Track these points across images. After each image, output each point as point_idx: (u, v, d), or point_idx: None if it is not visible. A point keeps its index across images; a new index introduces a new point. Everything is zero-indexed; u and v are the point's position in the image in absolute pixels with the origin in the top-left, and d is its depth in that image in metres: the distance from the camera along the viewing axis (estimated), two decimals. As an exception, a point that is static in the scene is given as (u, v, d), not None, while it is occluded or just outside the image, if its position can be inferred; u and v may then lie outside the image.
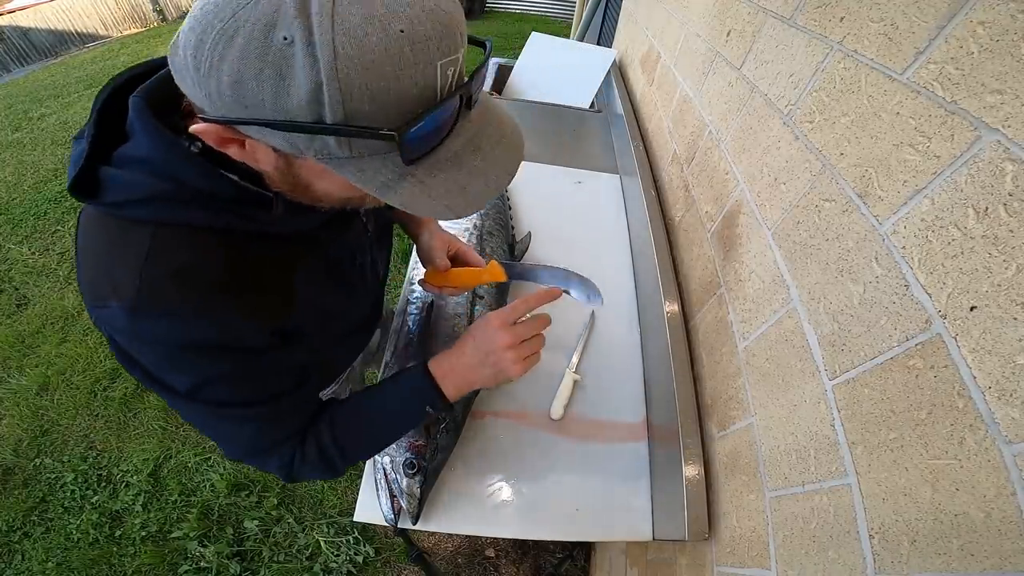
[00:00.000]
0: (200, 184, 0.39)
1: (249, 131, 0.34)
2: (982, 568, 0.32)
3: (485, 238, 1.03)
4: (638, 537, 0.72)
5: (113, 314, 0.38)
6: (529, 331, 0.59)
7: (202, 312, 0.40)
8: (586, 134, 1.62)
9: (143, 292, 0.38)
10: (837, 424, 0.48)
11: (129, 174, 0.38)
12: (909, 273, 0.41)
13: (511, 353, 0.57)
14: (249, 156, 0.37)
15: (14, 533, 1.50)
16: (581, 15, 2.96)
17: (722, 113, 0.86)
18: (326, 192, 0.41)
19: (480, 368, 0.58)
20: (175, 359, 0.42)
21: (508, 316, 0.59)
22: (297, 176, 0.39)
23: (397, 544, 1.42)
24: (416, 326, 0.86)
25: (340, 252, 0.57)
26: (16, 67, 6.23)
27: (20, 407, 1.83)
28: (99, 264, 0.40)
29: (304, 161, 0.37)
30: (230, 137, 0.35)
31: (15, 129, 4.08)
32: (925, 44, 0.42)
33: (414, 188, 0.36)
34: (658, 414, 0.83)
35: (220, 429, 0.49)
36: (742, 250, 0.72)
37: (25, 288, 2.37)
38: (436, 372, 0.58)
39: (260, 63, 0.29)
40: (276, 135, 0.33)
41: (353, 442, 0.56)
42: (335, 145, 0.33)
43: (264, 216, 0.43)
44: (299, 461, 0.53)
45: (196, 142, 0.40)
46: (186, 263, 0.40)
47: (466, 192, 0.38)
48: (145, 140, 0.38)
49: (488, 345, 0.57)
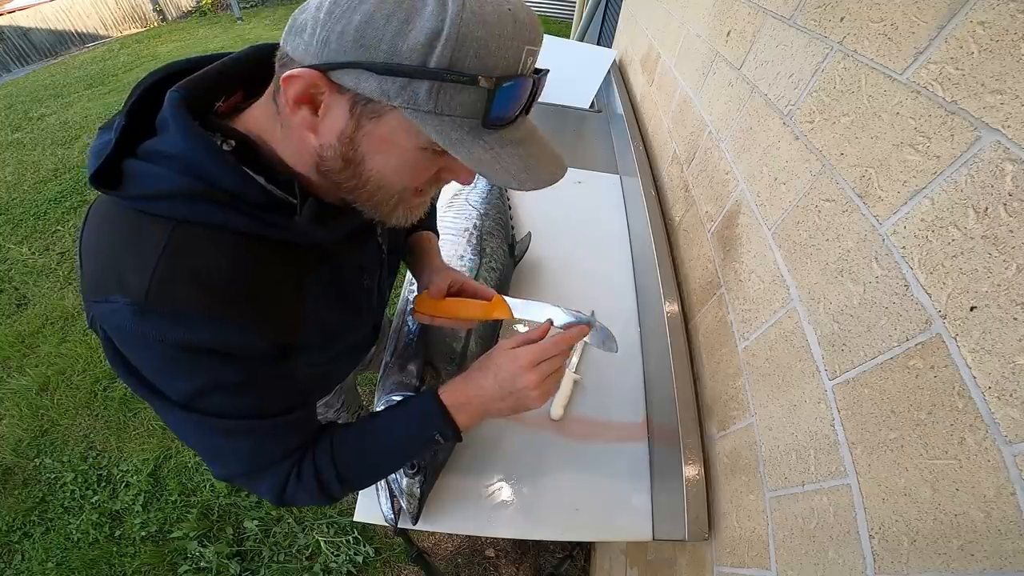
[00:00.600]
0: (228, 184, 0.39)
1: (344, 78, 0.35)
2: (982, 568, 0.32)
3: (485, 238, 1.03)
4: (638, 537, 0.72)
5: (116, 310, 0.37)
6: (555, 367, 0.57)
7: (211, 316, 0.39)
8: (586, 134, 1.62)
9: (154, 289, 0.37)
10: (837, 424, 0.48)
11: (157, 168, 0.38)
12: (909, 273, 0.41)
13: (535, 392, 0.55)
14: (313, 124, 0.39)
15: (14, 533, 1.49)
16: (581, 15, 2.96)
17: (722, 113, 0.86)
18: (378, 170, 0.41)
19: (499, 402, 0.56)
20: (176, 363, 0.40)
21: (537, 356, 0.56)
22: (357, 147, 0.39)
23: (397, 544, 1.42)
24: (416, 326, 0.86)
25: (351, 269, 0.56)
26: (16, 67, 6.23)
27: (20, 407, 1.83)
28: (108, 257, 0.39)
29: (376, 125, 0.38)
30: (314, 92, 0.36)
31: (15, 129, 4.08)
32: (925, 44, 0.42)
33: (485, 153, 0.38)
34: (658, 414, 0.83)
35: (213, 443, 0.47)
36: (742, 250, 0.72)
37: (25, 288, 2.37)
38: (449, 401, 0.55)
39: (395, 5, 0.33)
40: (372, 80, 0.34)
41: (353, 468, 0.54)
42: (424, 96, 0.35)
43: (287, 223, 0.42)
44: (293, 484, 0.50)
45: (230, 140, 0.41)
46: (202, 264, 0.39)
47: (530, 169, 0.40)
48: (179, 136, 0.38)
49: (512, 384, 0.55)
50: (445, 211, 1.12)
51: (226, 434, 0.45)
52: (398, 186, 0.43)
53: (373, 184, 0.42)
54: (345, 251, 0.53)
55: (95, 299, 0.38)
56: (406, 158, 0.40)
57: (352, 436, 0.55)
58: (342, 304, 0.55)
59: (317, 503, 0.54)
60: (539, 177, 0.41)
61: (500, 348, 0.58)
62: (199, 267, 0.39)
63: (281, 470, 0.50)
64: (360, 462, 0.54)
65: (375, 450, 0.55)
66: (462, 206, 1.12)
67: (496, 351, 0.58)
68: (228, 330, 0.40)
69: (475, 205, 1.12)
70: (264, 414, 0.47)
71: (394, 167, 0.41)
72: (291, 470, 0.50)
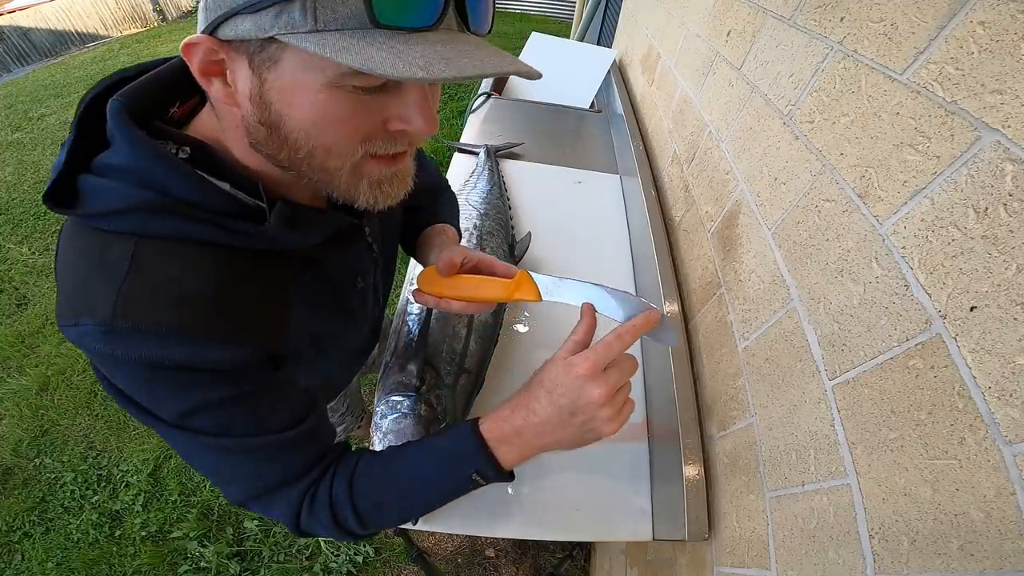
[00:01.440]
0: (184, 194, 0.37)
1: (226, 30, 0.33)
2: (982, 568, 0.32)
3: (485, 238, 1.03)
4: (638, 537, 0.72)
5: (86, 332, 0.35)
6: (626, 374, 0.46)
7: (183, 332, 0.36)
8: (586, 134, 1.62)
9: (122, 310, 0.35)
10: (837, 424, 0.48)
11: (109, 183, 0.36)
12: (909, 273, 0.41)
13: (607, 410, 0.44)
14: (230, 95, 0.36)
15: (14, 533, 1.49)
16: (581, 15, 2.96)
17: (722, 113, 0.86)
18: (299, 128, 0.36)
19: (559, 431, 0.46)
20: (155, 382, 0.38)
21: (599, 360, 0.45)
22: (269, 105, 0.35)
23: (397, 544, 1.42)
24: (417, 326, 0.86)
25: (341, 273, 0.52)
26: (16, 67, 6.23)
27: (20, 407, 1.83)
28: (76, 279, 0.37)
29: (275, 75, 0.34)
30: (214, 59, 0.34)
31: (15, 129, 4.08)
32: (925, 44, 0.42)
33: (379, 50, 0.31)
34: (658, 414, 0.83)
35: (213, 465, 0.44)
36: (742, 250, 0.72)
37: (25, 288, 2.37)
38: (492, 434, 0.46)
39: None
40: (246, 20, 0.32)
41: (372, 504, 0.47)
42: (300, 15, 0.31)
43: (255, 230, 0.40)
44: (307, 513, 0.46)
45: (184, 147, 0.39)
46: (168, 278, 0.37)
47: (449, 61, 0.32)
48: (125, 147, 0.36)
49: (574, 402, 0.44)
50: (445, 211, 1.12)
51: (222, 453, 0.42)
52: (332, 144, 0.37)
53: (303, 148, 0.37)
54: (332, 255, 0.49)
55: (67, 323, 0.36)
56: (321, 104, 0.35)
57: (377, 466, 0.48)
58: (333, 310, 0.52)
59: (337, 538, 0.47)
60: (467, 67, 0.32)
61: (552, 360, 0.48)
62: (166, 282, 0.37)
63: (292, 495, 0.46)
64: (381, 497, 0.47)
65: (401, 486, 0.48)
66: (462, 206, 1.12)
67: (547, 364, 0.48)
68: (202, 346, 0.37)
69: (475, 205, 1.12)
70: (260, 431, 0.43)
71: (312, 119, 0.36)
72: (303, 496, 0.46)
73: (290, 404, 0.46)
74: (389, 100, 0.36)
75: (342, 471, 0.48)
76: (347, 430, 1.04)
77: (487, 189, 1.18)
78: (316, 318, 0.49)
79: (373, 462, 0.49)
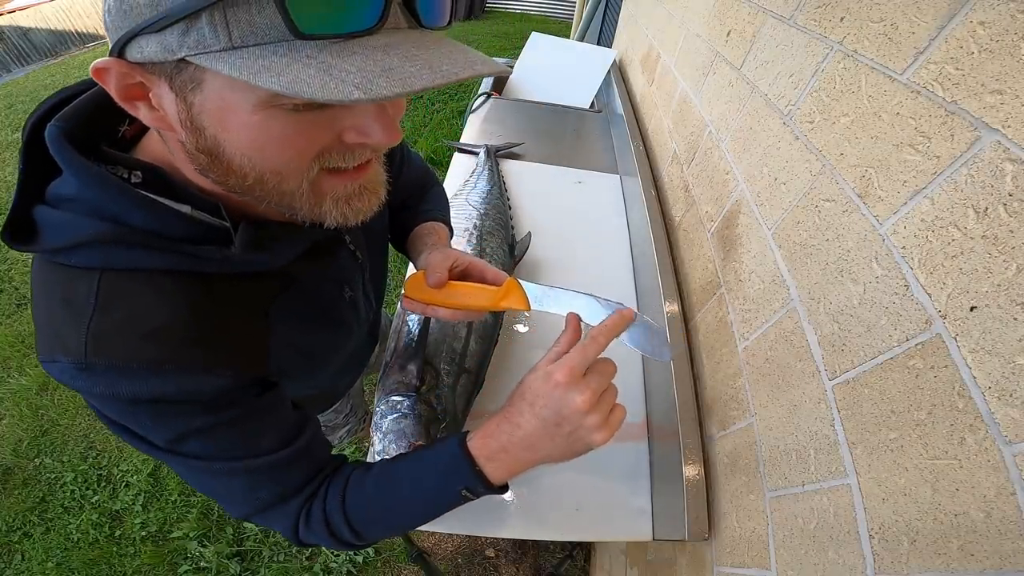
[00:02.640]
0: (138, 222, 0.34)
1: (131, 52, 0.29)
2: (982, 568, 0.32)
3: (485, 238, 1.03)
4: (638, 537, 0.72)
5: (64, 369, 0.34)
6: (606, 378, 0.45)
7: (157, 366, 0.35)
8: (586, 134, 1.62)
9: (90, 348, 0.33)
10: (837, 424, 0.48)
11: (64, 215, 0.34)
12: (909, 273, 0.41)
13: (593, 418, 0.43)
14: (160, 118, 0.32)
15: (14, 533, 1.49)
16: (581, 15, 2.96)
17: (722, 113, 0.86)
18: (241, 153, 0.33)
19: (547, 443, 0.44)
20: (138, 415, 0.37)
21: (576, 367, 0.43)
22: (203, 130, 0.32)
23: (397, 544, 1.42)
24: (417, 326, 0.86)
25: (324, 286, 0.50)
26: (16, 67, 6.23)
27: (20, 407, 1.83)
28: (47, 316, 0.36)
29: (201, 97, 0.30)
30: (131, 83, 0.30)
31: (15, 129, 4.08)
32: (925, 44, 0.42)
33: (308, 69, 0.27)
34: (658, 414, 0.83)
35: (209, 485, 0.44)
36: (742, 250, 0.72)
37: (25, 288, 2.37)
38: (480, 452, 0.45)
39: None
40: (151, 41, 0.27)
41: (365, 519, 0.47)
42: (210, 32, 0.26)
43: (222, 254, 0.37)
44: (304, 527, 0.46)
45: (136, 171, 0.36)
46: (135, 313, 0.35)
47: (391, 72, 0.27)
48: (71, 177, 0.33)
49: (558, 412, 0.43)
50: (445, 211, 1.12)
51: (216, 476, 0.42)
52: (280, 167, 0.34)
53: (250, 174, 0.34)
54: (311, 269, 0.47)
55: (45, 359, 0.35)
56: (257, 126, 0.31)
57: (368, 483, 0.48)
58: (321, 323, 0.51)
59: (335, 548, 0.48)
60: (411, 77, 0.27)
61: (532, 371, 0.46)
62: (134, 317, 0.35)
63: (289, 510, 0.46)
64: (373, 512, 0.47)
65: (392, 502, 0.48)
66: (462, 206, 1.12)
67: (527, 376, 0.46)
68: (179, 378, 0.36)
69: (475, 205, 1.12)
70: (251, 453, 0.42)
71: (252, 143, 0.32)
72: (300, 510, 0.46)
73: (281, 424, 0.45)
74: (340, 111, 0.33)
75: (336, 485, 0.47)
76: (351, 432, 1.04)
77: (487, 189, 1.18)
78: (304, 334, 0.48)
79: (363, 479, 0.48)
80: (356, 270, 0.56)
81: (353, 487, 0.47)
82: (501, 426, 0.46)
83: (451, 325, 0.86)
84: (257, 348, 0.42)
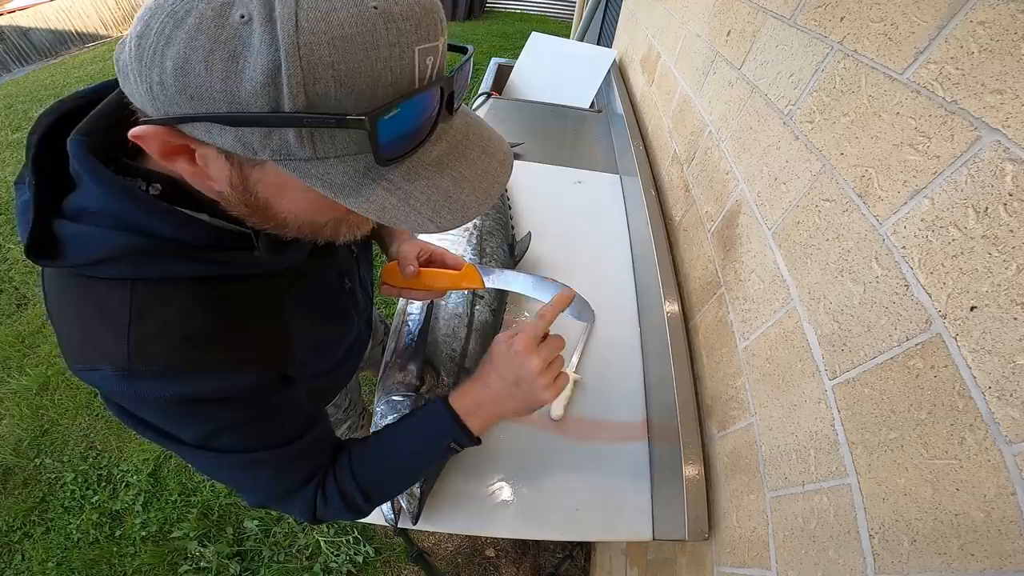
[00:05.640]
0: (168, 233, 0.36)
1: (195, 131, 0.29)
2: (982, 568, 0.32)
3: (485, 238, 1.03)
4: (638, 537, 0.72)
5: (104, 376, 0.36)
6: (555, 349, 0.54)
7: (196, 368, 0.38)
8: (586, 134, 1.62)
9: (134, 355, 0.36)
10: (837, 424, 0.48)
11: (89, 229, 0.34)
12: (909, 273, 0.41)
13: (543, 379, 0.52)
14: (200, 173, 0.33)
15: (14, 533, 1.49)
16: (581, 15, 2.96)
17: (722, 113, 0.86)
18: (291, 212, 0.36)
19: (509, 399, 0.54)
20: (176, 416, 0.40)
21: (532, 337, 0.53)
22: (254, 194, 0.34)
23: (397, 544, 1.42)
24: (417, 326, 0.86)
25: (328, 279, 0.55)
26: (16, 67, 6.22)
27: (20, 407, 1.83)
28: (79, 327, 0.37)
29: (261, 172, 0.32)
30: (176, 144, 0.30)
31: (15, 129, 4.07)
32: (925, 44, 0.42)
33: (390, 196, 0.31)
34: (658, 414, 0.83)
35: (236, 477, 0.47)
36: (742, 250, 0.72)
37: (25, 288, 2.37)
38: (460, 408, 0.54)
39: (211, 43, 0.25)
40: (226, 133, 0.28)
41: (375, 483, 0.53)
42: (295, 141, 0.28)
43: (244, 258, 0.40)
44: (321, 504, 0.51)
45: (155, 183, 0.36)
46: (171, 319, 0.37)
47: (451, 201, 0.33)
48: (95, 190, 0.34)
49: (516, 374, 0.52)
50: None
51: (244, 467, 0.46)
52: (322, 220, 0.38)
53: (292, 224, 0.37)
54: (316, 264, 0.51)
55: (81, 367, 0.37)
56: (312, 200, 0.34)
57: (369, 452, 0.54)
58: (328, 315, 0.54)
59: (348, 518, 0.54)
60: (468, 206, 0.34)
61: (497, 343, 0.56)
62: (170, 322, 0.37)
63: (307, 492, 0.50)
64: (380, 476, 0.54)
65: (393, 463, 0.54)
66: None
67: (495, 348, 0.56)
68: (216, 377, 0.39)
69: (475, 205, 1.12)
70: (276, 443, 0.46)
71: (304, 208, 0.35)
72: (316, 491, 0.51)
73: (300, 415, 0.49)
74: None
75: (342, 461, 0.53)
76: (352, 428, 1.05)
77: (487, 189, 1.17)
78: (316, 327, 0.51)
79: (366, 447, 0.54)
80: (352, 263, 0.61)
81: (358, 458, 0.53)
82: (474, 386, 0.55)
83: (451, 326, 0.86)
84: (278, 345, 0.46)
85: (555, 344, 0.55)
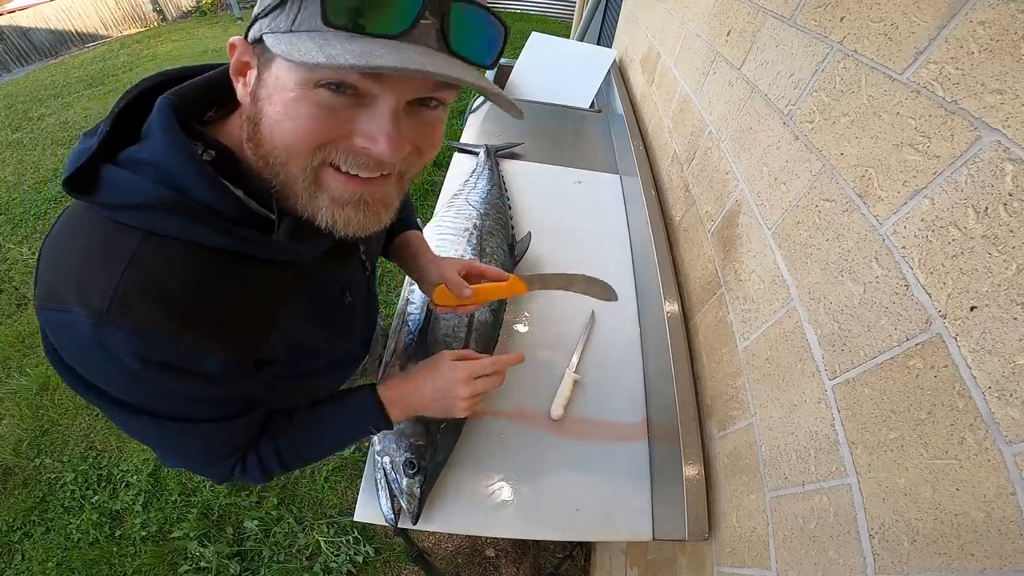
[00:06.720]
0: (204, 196, 0.38)
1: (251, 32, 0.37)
2: (982, 568, 0.32)
3: (485, 238, 1.03)
4: (638, 537, 0.72)
5: (71, 320, 0.35)
6: (487, 386, 0.64)
7: (172, 334, 0.38)
8: (586, 134, 1.62)
9: (115, 304, 0.35)
10: (837, 424, 0.48)
11: (132, 176, 0.36)
12: (909, 273, 0.41)
13: (464, 402, 0.62)
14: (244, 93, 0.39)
15: (14, 533, 1.49)
16: (581, 15, 2.96)
17: (722, 113, 0.86)
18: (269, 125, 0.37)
19: (430, 404, 0.63)
20: (131, 374, 0.39)
21: (474, 371, 0.62)
22: (257, 100, 0.37)
23: (397, 544, 1.42)
24: (416, 326, 0.86)
25: (332, 288, 0.56)
26: (16, 67, 6.22)
27: (20, 407, 1.83)
28: (69, 264, 0.37)
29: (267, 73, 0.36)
30: (243, 61, 0.38)
31: (15, 129, 4.07)
32: (925, 44, 0.42)
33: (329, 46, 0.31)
34: (658, 414, 0.83)
35: (166, 442, 0.47)
36: (742, 250, 0.72)
37: (25, 288, 2.37)
38: (386, 398, 0.60)
39: None
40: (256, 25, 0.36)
41: (294, 455, 0.57)
42: (284, 19, 0.33)
43: (262, 240, 0.41)
44: (239, 472, 0.53)
45: (210, 150, 0.40)
46: (166, 281, 0.37)
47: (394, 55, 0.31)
48: (161, 143, 0.37)
49: (447, 390, 0.61)
50: (445, 211, 1.12)
51: (179, 435, 0.46)
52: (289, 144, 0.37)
53: (266, 145, 0.38)
54: (327, 269, 0.52)
55: (52, 306, 0.36)
56: (290, 102, 0.35)
57: (295, 428, 0.57)
58: (320, 323, 0.55)
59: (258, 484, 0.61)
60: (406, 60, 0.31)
61: (443, 356, 0.64)
62: (163, 283, 0.37)
63: (229, 463, 0.53)
64: (303, 451, 0.58)
65: (317, 441, 0.59)
66: (462, 206, 1.12)
67: (440, 359, 0.64)
68: (188, 348, 0.39)
69: (475, 205, 1.12)
70: (218, 417, 0.47)
71: (279, 116, 0.36)
72: (237, 462, 0.53)
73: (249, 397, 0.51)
74: (360, 112, 0.36)
75: (267, 433, 0.55)
76: None
77: (487, 189, 1.18)
78: (304, 329, 0.52)
79: (292, 422, 0.58)
80: (362, 281, 0.63)
81: (283, 433, 0.56)
82: (406, 385, 0.63)
83: (451, 325, 0.86)
84: (261, 334, 0.46)
85: (489, 382, 0.64)
